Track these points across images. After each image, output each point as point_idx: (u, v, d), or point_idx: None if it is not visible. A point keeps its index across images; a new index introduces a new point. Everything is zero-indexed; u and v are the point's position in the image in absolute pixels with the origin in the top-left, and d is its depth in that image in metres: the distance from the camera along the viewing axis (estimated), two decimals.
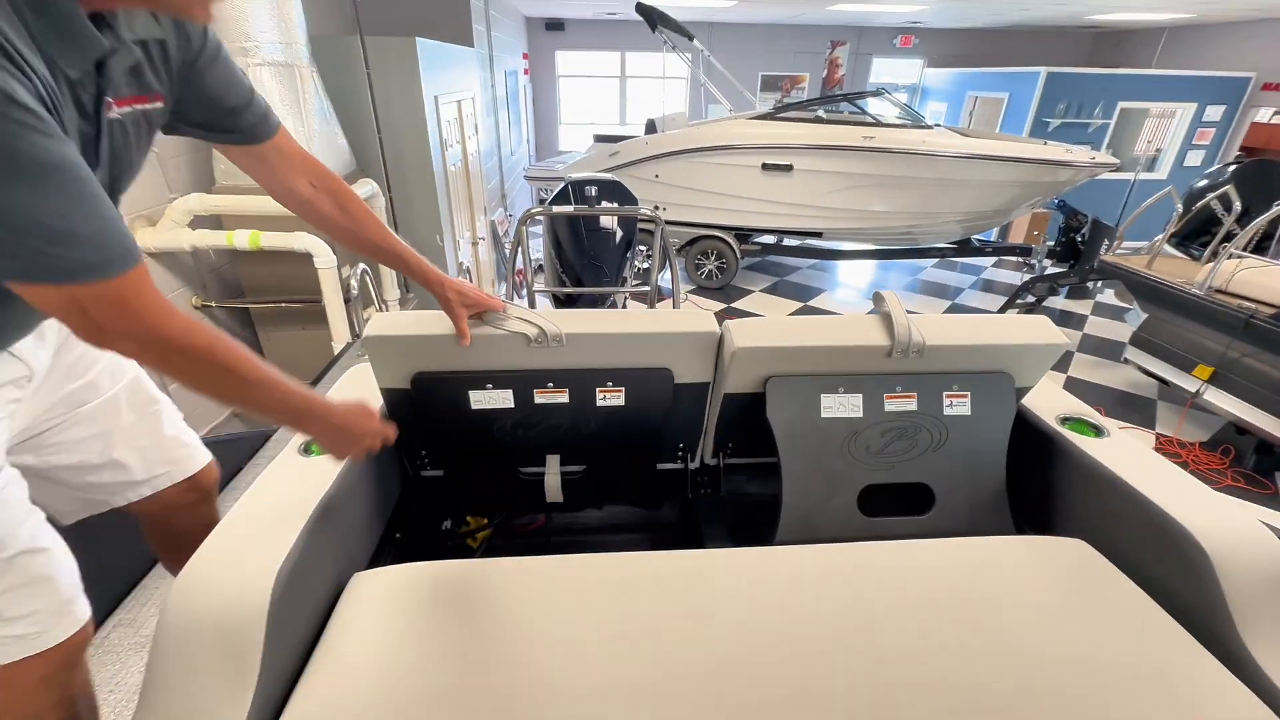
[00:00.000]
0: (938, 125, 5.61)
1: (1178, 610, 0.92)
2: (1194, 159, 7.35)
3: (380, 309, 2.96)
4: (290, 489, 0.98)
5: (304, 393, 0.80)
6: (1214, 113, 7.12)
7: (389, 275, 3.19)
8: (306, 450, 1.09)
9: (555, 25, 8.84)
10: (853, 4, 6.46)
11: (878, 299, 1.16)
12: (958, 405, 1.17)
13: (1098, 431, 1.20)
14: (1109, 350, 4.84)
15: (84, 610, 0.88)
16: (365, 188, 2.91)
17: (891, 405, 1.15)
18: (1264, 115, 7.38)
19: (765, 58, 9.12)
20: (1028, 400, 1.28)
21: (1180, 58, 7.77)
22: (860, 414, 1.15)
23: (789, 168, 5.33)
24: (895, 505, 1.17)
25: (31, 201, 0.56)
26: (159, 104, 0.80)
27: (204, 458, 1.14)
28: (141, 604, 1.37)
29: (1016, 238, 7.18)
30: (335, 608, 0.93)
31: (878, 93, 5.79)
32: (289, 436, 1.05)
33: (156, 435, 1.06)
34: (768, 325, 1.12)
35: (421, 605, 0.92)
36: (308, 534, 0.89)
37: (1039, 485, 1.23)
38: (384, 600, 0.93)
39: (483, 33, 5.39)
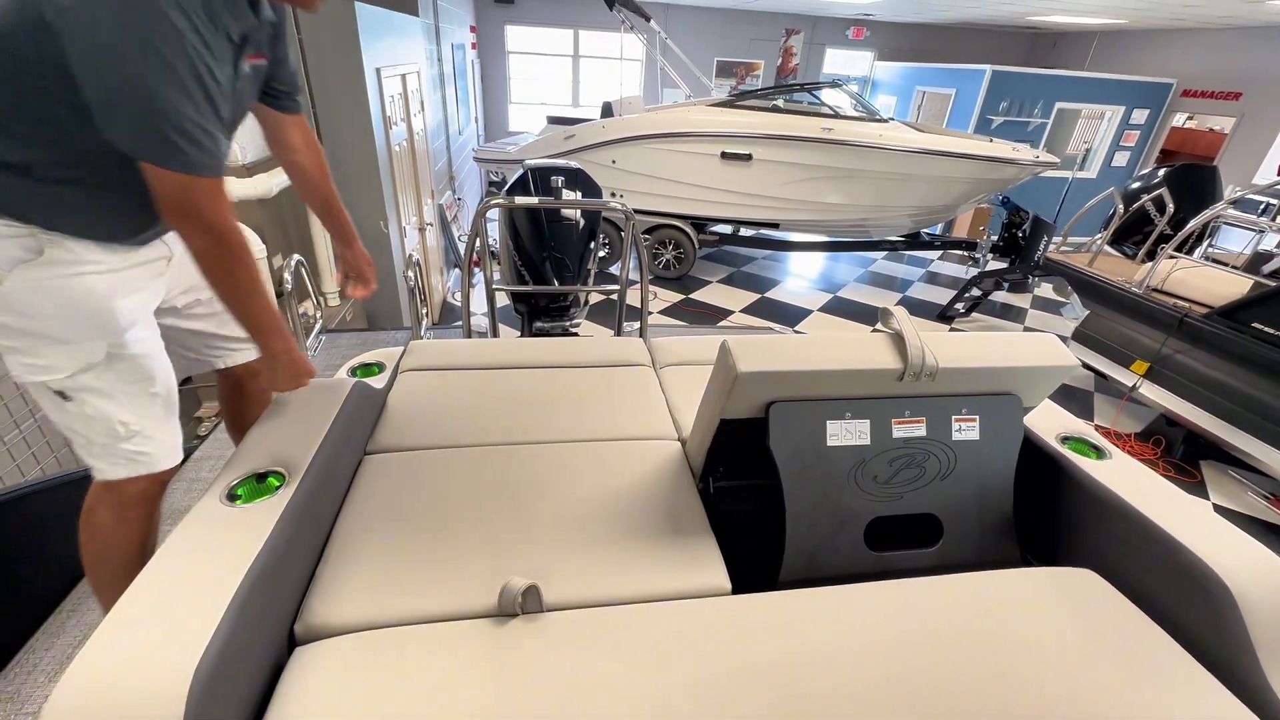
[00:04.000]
0: (892, 119, 5.67)
1: (1198, 649, 0.89)
2: (1120, 159, 7.77)
3: (317, 303, 2.69)
4: (212, 550, 0.80)
5: (280, 317, 1.04)
6: (1139, 116, 7.53)
7: (326, 266, 2.91)
8: (232, 497, 0.90)
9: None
10: None
11: (885, 315, 1.07)
12: (967, 429, 1.10)
13: (1100, 453, 1.16)
14: None
15: (180, 452, 1.12)
16: None
17: (900, 431, 1.07)
18: (1179, 120, 7.89)
19: (721, 43, 9.00)
20: (1029, 419, 1.23)
21: (1109, 62, 8.17)
22: (868, 441, 1.06)
23: (748, 157, 5.26)
24: (902, 538, 1.10)
25: (181, 99, 0.81)
26: (264, 61, 1.07)
27: None
28: (28, 671, 1.15)
29: (960, 232, 7.41)
30: (273, 696, 0.77)
31: (835, 84, 5.78)
32: (215, 454, 0.89)
33: None
34: (772, 345, 1.01)
35: (381, 681, 0.77)
36: (237, 607, 0.72)
37: (1043, 510, 1.19)
38: (335, 680, 0.77)
39: (428, 2, 5.03)
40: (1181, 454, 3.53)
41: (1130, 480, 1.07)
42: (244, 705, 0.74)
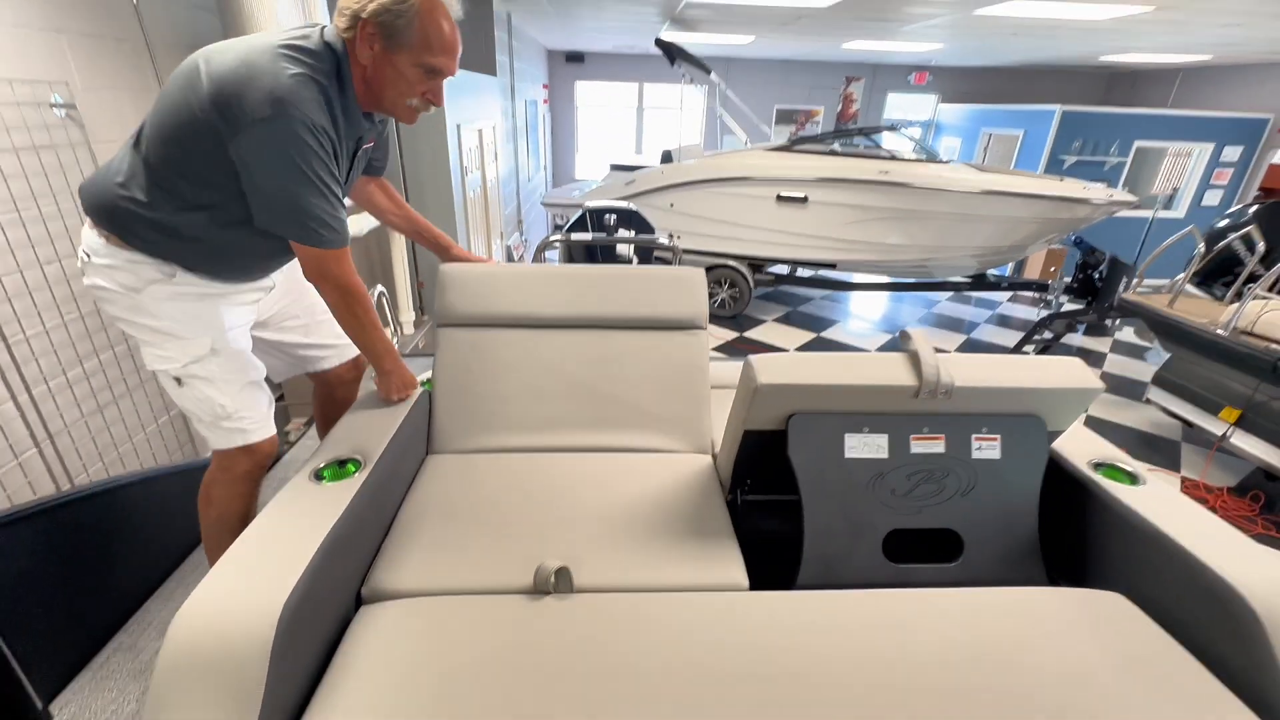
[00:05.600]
0: (953, 161, 5.63)
1: (1226, 674, 0.87)
2: (1212, 198, 7.31)
3: (395, 329, 2.97)
4: (300, 517, 0.96)
5: (390, 343, 1.30)
6: (1231, 153, 7.10)
7: (405, 299, 3.21)
8: (318, 477, 1.07)
9: (575, 57, 9.06)
10: (866, 42, 6.56)
11: (904, 337, 1.13)
12: (987, 449, 1.13)
13: (1133, 479, 1.15)
14: (1130, 390, 4.75)
15: (273, 427, 1.34)
16: None
17: (918, 447, 1.12)
18: None
19: (780, 92, 9.26)
20: (1057, 444, 1.24)
21: (1196, 98, 7.79)
22: (886, 455, 1.11)
23: (804, 199, 5.36)
24: (922, 552, 1.12)
25: (315, 198, 1.07)
26: (373, 145, 1.31)
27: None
28: (142, 629, 1.34)
29: (1032, 273, 7.13)
30: (341, 642, 0.90)
31: (892, 127, 5.84)
32: (301, 456, 1.05)
33: (335, 331, 1.50)
34: (793, 361, 1.09)
35: (431, 640, 0.88)
36: (317, 564, 0.86)
37: (1072, 534, 1.18)
38: (393, 635, 0.89)
39: (505, 63, 5.53)
40: None
41: (1163, 506, 1.06)
42: (317, 644, 0.87)
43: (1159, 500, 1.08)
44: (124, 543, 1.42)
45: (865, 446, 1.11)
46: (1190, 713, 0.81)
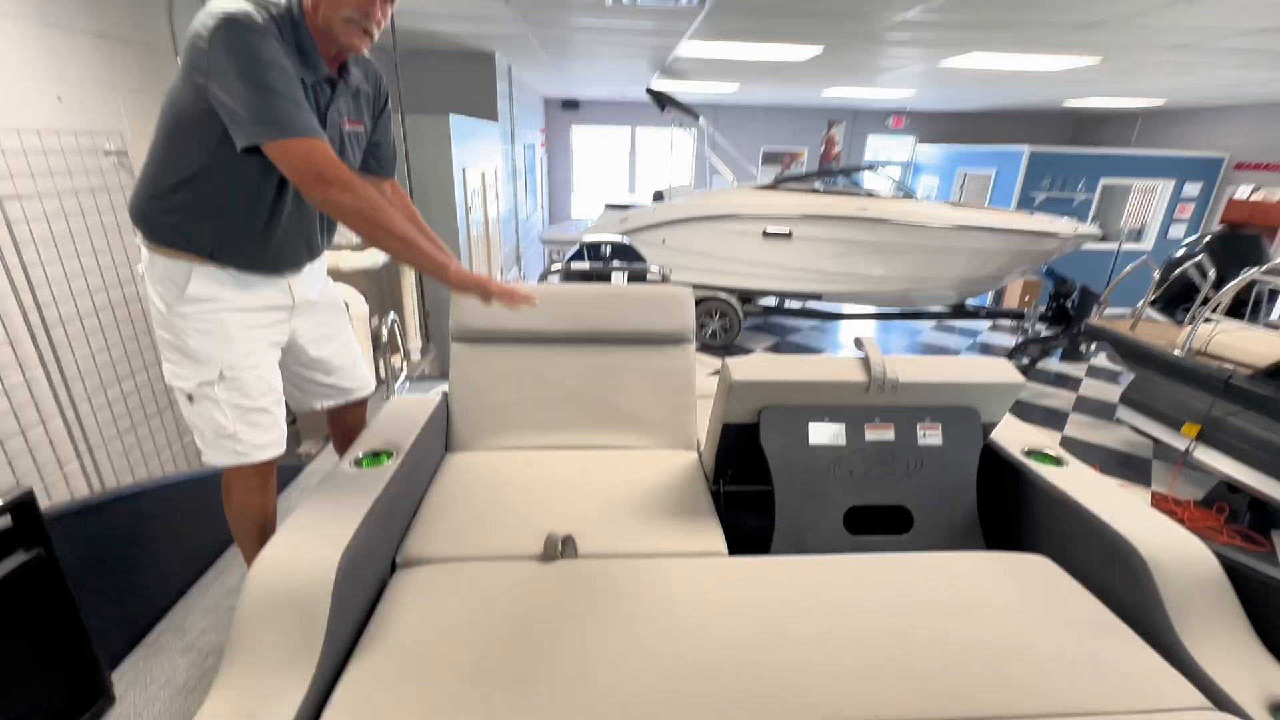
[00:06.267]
0: (928, 198, 5.98)
1: (1125, 613, 1.04)
2: (1176, 231, 7.69)
3: (404, 356, 3.16)
4: (346, 494, 1.13)
5: (444, 265, 1.21)
6: (1192, 189, 7.52)
7: (413, 327, 3.41)
8: (357, 464, 1.24)
9: (571, 104, 9.53)
10: (845, 90, 7.00)
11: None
12: (931, 436, 1.32)
13: (1058, 461, 1.34)
14: (1104, 411, 4.96)
15: (273, 451, 1.37)
16: None
17: (871, 435, 1.31)
18: (1243, 192, 7.80)
19: (766, 134, 9.74)
20: (996, 434, 1.43)
21: (1157, 138, 8.28)
22: (844, 442, 1.30)
23: (789, 235, 5.66)
24: (878, 525, 1.30)
25: (279, 80, 1.06)
26: (362, 129, 1.37)
27: (372, 384, 1.67)
28: (187, 612, 1.48)
29: (1010, 303, 7.42)
30: (381, 598, 1.06)
31: (871, 166, 6.20)
32: (322, 469, 1.22)
33: (354, 369, 1.59)
34: (762, 362, 1.29)
35: (456, 597, 1.05)
36: (362, 530, 1.03)
37: (1006, 508, 1.36)
38: (424, 592, 1.06)
39: (506, 110, 5.88)
40: (1249, 521, 3.38)
41: (1080, 483, 1.25)
42: (364, 596, 1.03)
43: (1077, 478, 1.27)
44: (172, 534, 1.57)
45: (826, 435, 1.30)
46: (1091, 640, 0.98)
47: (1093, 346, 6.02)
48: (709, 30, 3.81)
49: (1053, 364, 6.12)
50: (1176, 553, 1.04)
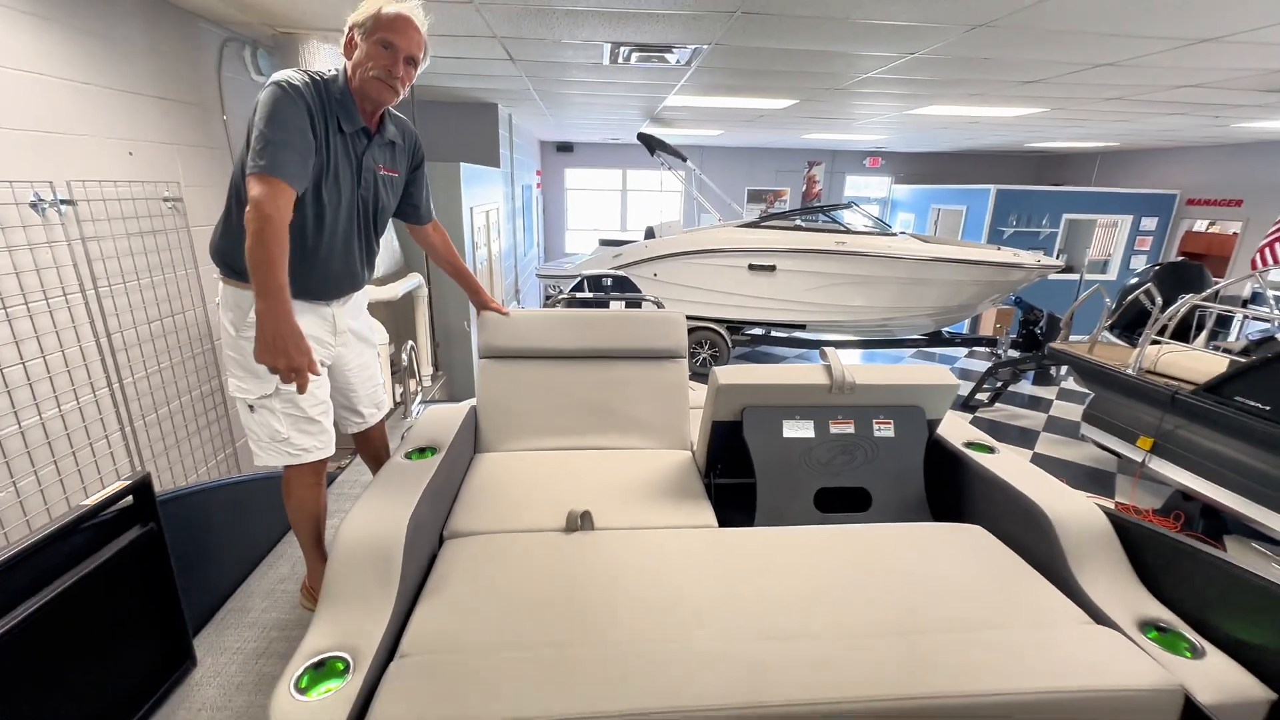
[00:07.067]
0: (902, 233, 6.39)
1: (1036, 562, 1.30)
2: (1138, 262, 8.17)
3: (419, 380, 3.41)
4: (405, 478, 1.37)
5: (278, 296, 1.21)
6: (1149, 223, 8.04)
7: (425, 355, 3.67)
8: (409, 457, 1.49)
9: (565, 148, 10.03)
10: (823, 134, 7.51)
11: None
12: (884, 430, 1.59)
13: (990, 450, 1.61)
14: (1073, 430, 5.25)
15: (321, 453, 1.57)
16: (413, 281, 3.46)
17: (835, 429, 1.57)
18: (1201, 225, 8.34)
19: (751, 175, 10.27)
20: (942, 430, 1.70)
21: (1115, 177, 8.86)
22: (812, 435, 1.56)
23: (772, 268, 6.02)
24: (842, 504, 1.55)
25: (281, 135, 1.26)
26: (396, 175, 1.60)
27: (386, 408, 1.85)
28: (248, 595, 1.69)
29: (985, 331, 7.81)
30: (434, 564, 1.29)
31: (849, 205, 6.63)
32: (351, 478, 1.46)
33: (374, 396, 1.78)
34: (744, 368, 1.56)
35: (495, 562, 1.28)
36: (419, 505, 1.27)
37: (949, 489, 1.62)
38: (469, 558, 1.29)
39: (506, 155, 6.28)
40: (1203, 528, 3.64)
41: (1008, 466, 1.52)
42: (423, 558, 1.27)
43: (1006, 463, 1.54)
44: (235, 528, 1.79)
45: (798, 429, 1.56)
46: (1011, 584, 1.23)
47: (1063, 370, 6.37)
48: (694, 86, 4.21)
49: (1026, 387, 6.45)
50: (1074, 513, 1.30)
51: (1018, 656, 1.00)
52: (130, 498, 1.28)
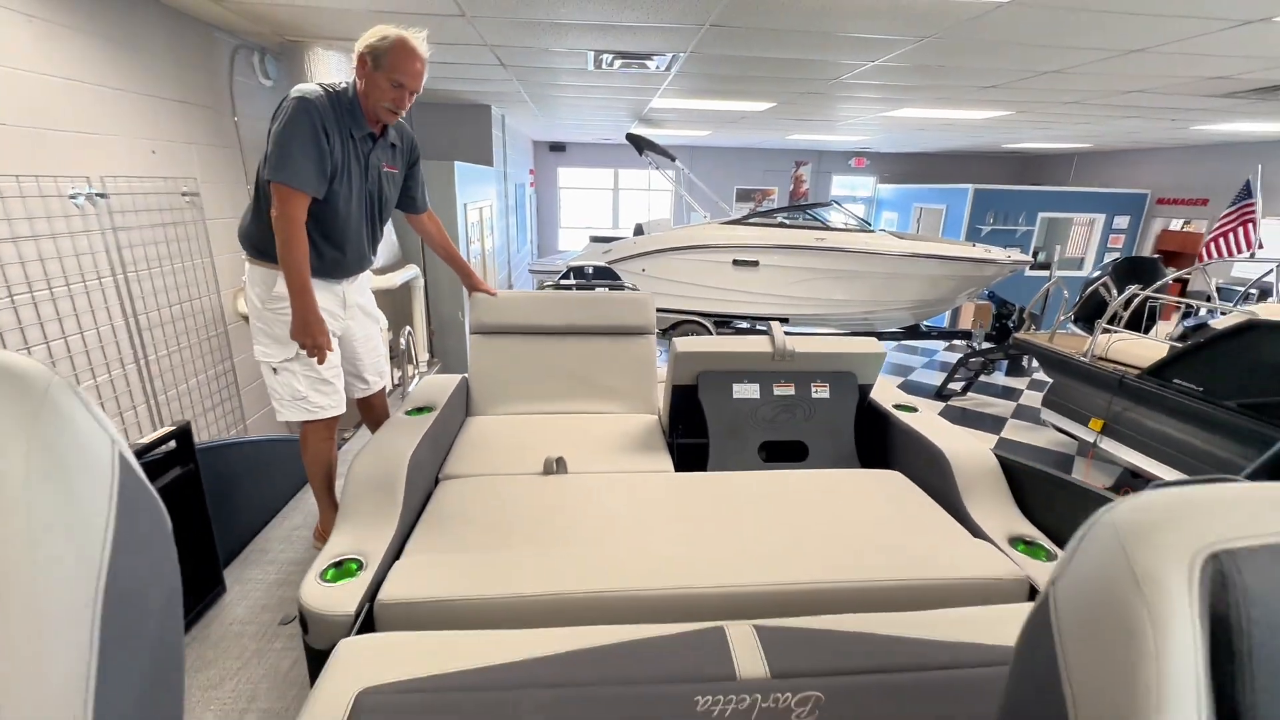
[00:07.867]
0: (880, 230, 6.65)
1: (938, 496, 1.55)
2: (1111, 258, 8.47)
3: (415, 364, 3.64)
4: (405, 428, 1.61)
5: (306, 290, 1.58)
6: (1121, 221, 8.33)
7: (421, 341, 3.90)
8: (408, 413, 1.73)
9: (558, 147, 10.27)
10: (808, 135, 7.77)
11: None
12: (820, 392, 1.83)
13: (913, 410, 1.86)
14: (1038, 416, 5.52)
15: (333, 411, 1.81)
16: (409, 272, 3.69)
17: (778, 391, 1.82)
18: (1176, 224, 8.64)
19: (739, 174, 10.52)
20: (874, 394, 1.95)
21: (1090, 177, 9.16)
22: (758, 396, 1.81)
23: (756, 263, 6.27)
24: (783, 455, 1.80)
25: (298, 147, 1.50)
26: (396, 172, 1.84)
27: (388, 380, 2.08)
28: (267, 540, 1.93)
29: (965, 326, 8.08)
30: (430, 500, 1.53)
31: (830, 204, 6.89)
32: (355, 447, 1.73)
33: (378, 365, 2.01)
34: (699, 339, 1.81)
35: (483, 499, 1.52)
36: (419, 449, 1.51)
37: (877, 443, 1.87)
38: (460, 496, 1.53)
39: (499, 154, 6.51)
40: None
41: (924, 422, 1.77)
42: (422, 493, 1.51)
43: (922, 420, 1.79)
44: (261, 477, 2.03)
45: (745, 391, 1.81)
46: (916, 515, 1.47)
47: (1035, 362, 6.64)
48: (677, 90, 4.46)
49: (999, 378, 6.72)
50: (969, 454, 1.55)
51: (907, 558, 1.25)
52: (173, 442, 1.52)
